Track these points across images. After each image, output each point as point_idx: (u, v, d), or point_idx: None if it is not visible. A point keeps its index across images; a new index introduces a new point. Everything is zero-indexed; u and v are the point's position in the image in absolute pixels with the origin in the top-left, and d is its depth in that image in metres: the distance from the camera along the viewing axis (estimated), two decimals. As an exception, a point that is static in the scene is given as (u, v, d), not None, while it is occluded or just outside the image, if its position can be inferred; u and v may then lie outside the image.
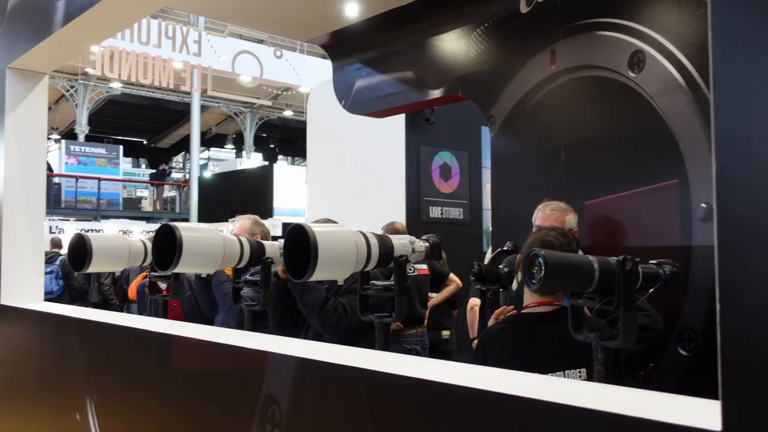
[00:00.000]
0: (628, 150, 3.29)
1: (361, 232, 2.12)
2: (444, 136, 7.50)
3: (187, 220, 18.85)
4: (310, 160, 9.27)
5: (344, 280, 2.58)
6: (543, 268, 1.61)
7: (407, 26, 4.51)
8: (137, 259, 3.30)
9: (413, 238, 2.29)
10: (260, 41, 14.75)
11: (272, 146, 31.36)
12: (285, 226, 15.38)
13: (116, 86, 21.92)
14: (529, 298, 2.23)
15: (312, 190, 9.18)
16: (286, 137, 31.60)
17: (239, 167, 22.07)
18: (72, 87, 21.53)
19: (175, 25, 8.61)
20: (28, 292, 3.50)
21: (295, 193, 17.70)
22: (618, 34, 3.30)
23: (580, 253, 2.33)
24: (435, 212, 7.52)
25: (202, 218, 18.22)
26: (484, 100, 4.07)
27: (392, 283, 2.19)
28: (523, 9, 3.84)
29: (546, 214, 2.95)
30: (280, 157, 32.73)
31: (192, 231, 2.36)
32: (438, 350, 5.23)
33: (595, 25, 3.43)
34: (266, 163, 27.22)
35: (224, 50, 9.10)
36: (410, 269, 2.41)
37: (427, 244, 2.31)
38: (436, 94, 4.39)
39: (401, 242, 2.22)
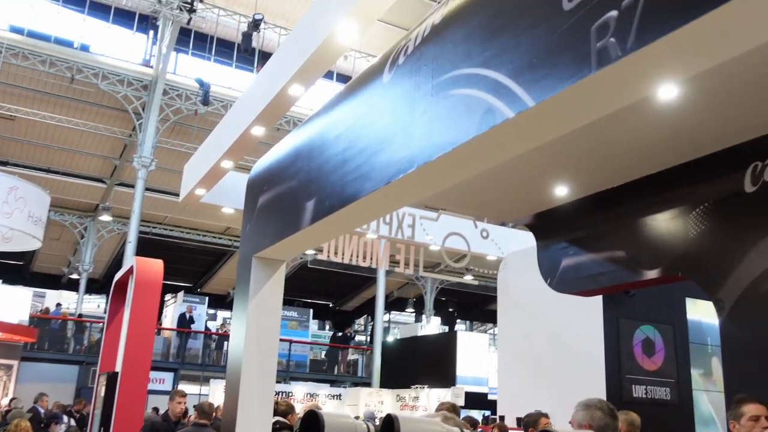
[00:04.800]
0: None
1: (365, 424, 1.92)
2: (645, 308, 7.14)
3: (369, 384, 19.04)
4: (501, 328, 9.18)
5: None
6: None
7: (618, 207, 4.50)
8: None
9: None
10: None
11: (451, 310, 31.50)
12: (467, 395, 15.02)
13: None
14: None
15: (502, 359, 8.99)
16: (464, 301, 31.70)
17: (420, 331, 22.27)
18: (271, 255, 23.53)
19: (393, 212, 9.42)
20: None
21: (477, 360, 17.43)
22: None
23: None
24: (638, 391, 7.01)
25: (384, 383, 18.33)
26: (709, 282, 3.87)
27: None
28: (749, 189, 3.71)
29: None
30: (458, 321, 32.72)
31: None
32: None
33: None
34: (445, 327, 27.25)
35: (435, 232, 9.71)
36: None
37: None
38: (651, 274, 4.24)
39: None
